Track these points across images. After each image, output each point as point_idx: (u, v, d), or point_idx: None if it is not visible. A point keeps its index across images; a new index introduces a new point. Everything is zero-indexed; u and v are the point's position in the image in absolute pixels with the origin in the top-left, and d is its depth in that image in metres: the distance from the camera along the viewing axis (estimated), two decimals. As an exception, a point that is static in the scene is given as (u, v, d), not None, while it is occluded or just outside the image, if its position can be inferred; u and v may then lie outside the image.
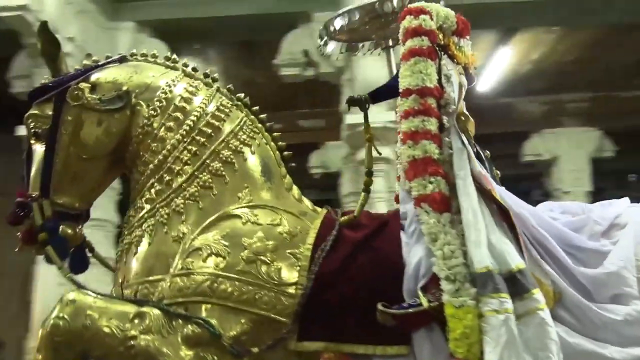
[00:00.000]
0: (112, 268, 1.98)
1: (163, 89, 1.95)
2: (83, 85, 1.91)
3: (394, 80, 1.94)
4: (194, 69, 2.07)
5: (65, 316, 1.65)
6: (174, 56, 2.10)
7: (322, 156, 8.00)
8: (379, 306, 1.65)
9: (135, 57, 2.08)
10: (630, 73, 7.65)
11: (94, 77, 1.95)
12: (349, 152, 5.66)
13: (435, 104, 1.82)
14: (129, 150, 1.95)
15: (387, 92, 2.05)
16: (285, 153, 2.09)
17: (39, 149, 1.88)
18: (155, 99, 1.93)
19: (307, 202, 2.05)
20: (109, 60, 2.04)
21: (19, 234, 1.87)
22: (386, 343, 1.68)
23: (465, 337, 1.56)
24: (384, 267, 1.76)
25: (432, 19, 1.86)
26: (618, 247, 1.77)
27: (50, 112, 1.88)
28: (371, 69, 4.34)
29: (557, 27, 6.76)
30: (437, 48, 1.88)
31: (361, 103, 2.01)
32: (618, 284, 1.71)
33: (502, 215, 1.77)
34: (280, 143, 2.07)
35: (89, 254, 2.02)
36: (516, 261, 1.66)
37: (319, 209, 2.01)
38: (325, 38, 2.47)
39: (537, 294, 1.62)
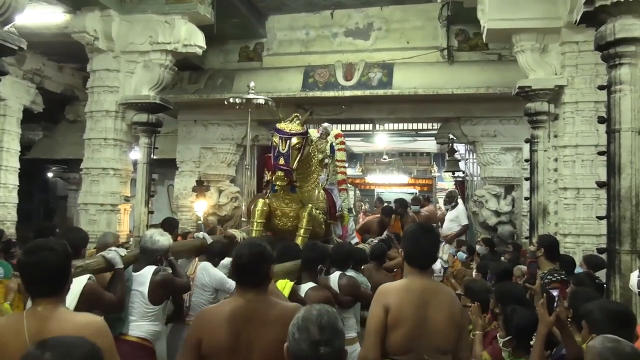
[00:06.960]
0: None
1: (313, 139, 5.73)
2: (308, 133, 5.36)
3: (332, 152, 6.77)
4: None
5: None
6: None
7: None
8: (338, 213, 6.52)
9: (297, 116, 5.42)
10: None
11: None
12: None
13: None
14: (304, 159, 5.32)
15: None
16: None
17: (295, 149, 5.09)
18: (313, 143, 5.69)
19: None
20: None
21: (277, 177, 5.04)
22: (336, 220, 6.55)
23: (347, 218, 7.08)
24: (334, 203, 6.34)
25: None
26: None
27: (295, 140, 5.06)
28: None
29: None
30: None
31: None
32: None
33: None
34: None
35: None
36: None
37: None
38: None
39: None
